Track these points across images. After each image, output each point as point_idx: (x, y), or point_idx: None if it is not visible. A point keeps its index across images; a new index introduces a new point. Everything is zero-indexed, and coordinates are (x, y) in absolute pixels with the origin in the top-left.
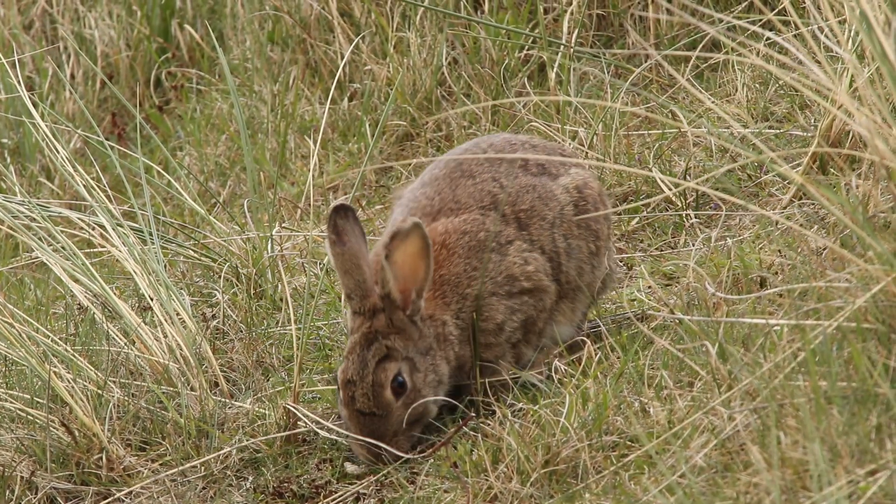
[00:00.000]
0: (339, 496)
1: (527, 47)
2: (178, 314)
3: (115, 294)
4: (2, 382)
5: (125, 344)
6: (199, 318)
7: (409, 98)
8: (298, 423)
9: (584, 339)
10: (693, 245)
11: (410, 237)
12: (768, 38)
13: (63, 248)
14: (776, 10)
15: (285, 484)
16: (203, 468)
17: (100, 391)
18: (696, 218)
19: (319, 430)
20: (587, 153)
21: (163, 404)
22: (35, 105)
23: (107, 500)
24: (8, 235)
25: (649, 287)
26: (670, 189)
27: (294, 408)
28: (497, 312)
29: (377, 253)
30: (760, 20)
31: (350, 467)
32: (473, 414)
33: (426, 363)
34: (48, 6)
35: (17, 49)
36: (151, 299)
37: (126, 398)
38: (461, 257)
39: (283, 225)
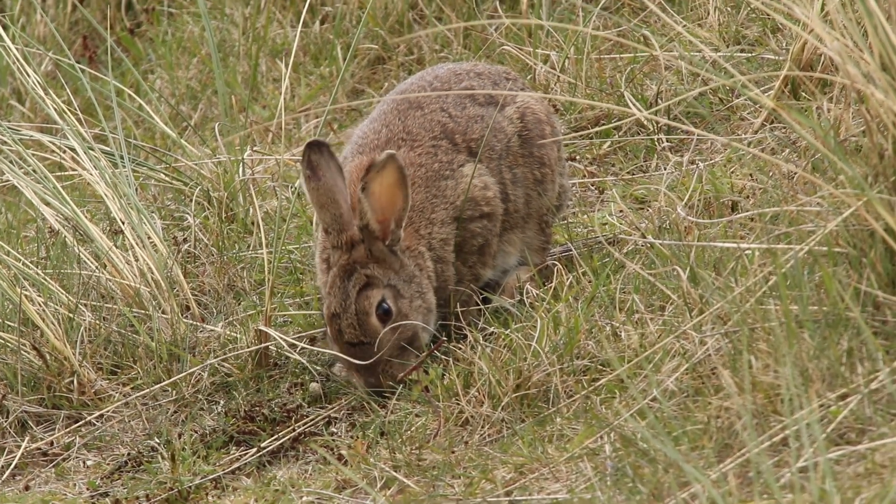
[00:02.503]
0: (311, 420)
1: None
2: (149, 237)
3: (86, 217)
4: None
5: (96, 267)
6: (170, 241)
7: (381, 21)
8: (270, 346)
9: (556, 262)
10: (664, 169)
11: (387, 168)
12: None
13: (34, 171)
14: None
15: (257, 408)
16: (174, 392)
17: (71, 314)
18: (667, 142)
19: (290, 353)
20: (559, 77)
21: (134, 328)
22: (5, 28)
23: (78, 424)
24: None
25: (621, 211)
26: (641, 112)
27: (267, 330)
28: (452, 236)
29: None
30: None
31: (314, 386)
32: (445, 338)
33: (411, 290)
34: None
35: None
36: (122, 223)
37: (97, 322)
38: (421, 187)
39: (254, 148)
